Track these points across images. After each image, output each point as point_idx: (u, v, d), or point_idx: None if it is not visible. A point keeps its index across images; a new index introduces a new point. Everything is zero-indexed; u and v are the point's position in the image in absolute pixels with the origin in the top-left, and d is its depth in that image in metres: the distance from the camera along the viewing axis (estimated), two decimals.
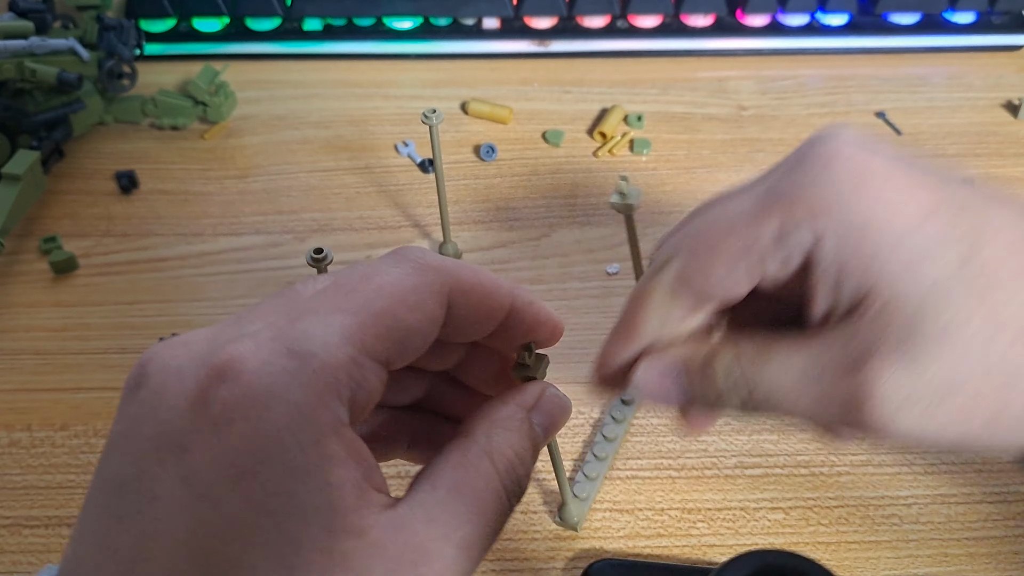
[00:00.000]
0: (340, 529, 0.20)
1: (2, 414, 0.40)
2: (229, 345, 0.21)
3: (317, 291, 0.22)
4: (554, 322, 0.26)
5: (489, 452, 0.23)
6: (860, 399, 0.23)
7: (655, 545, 0.36)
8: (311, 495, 0.20)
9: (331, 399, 0.20)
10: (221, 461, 0.20)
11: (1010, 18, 0.57)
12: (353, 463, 0.21)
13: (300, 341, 0.21)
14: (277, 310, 0.22)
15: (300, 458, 0.20)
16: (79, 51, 0.48)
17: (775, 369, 0.25)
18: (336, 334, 0.21)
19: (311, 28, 0.57)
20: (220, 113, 0.52)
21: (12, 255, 0.46)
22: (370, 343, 0.21)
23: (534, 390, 0.25)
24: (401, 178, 0.50)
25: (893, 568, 0.35)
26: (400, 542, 0.21)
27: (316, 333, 0.21)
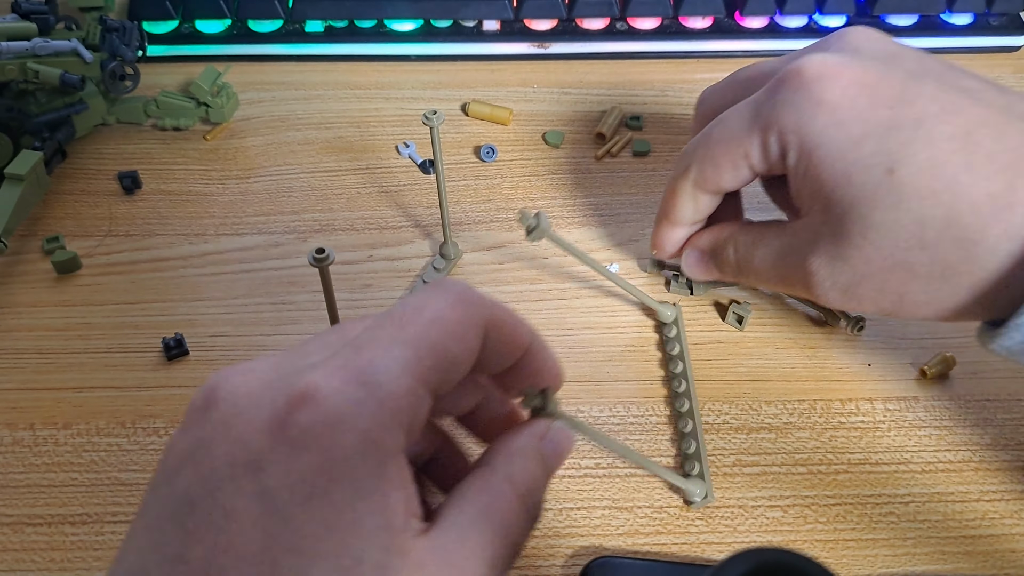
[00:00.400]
0: (393, 548, 0.22)
1: (5, 413, 0.40)
2: (305, 374, 0.22)
3: (374, 323, 0.24)
4: (560, 367, 0.28)
5: (510, 478, 0.25)
6: (805, 280, 0.33)
7: (654, 543, 0.36)
8: (372, 516, 0.22)
9: (394, 427, 0.22)
10: (296, 480, 0.21)
11: (1007, 19, 0.57)
12: (404, 488, 0.23)
13: (367, 372, 0.22)
14: (338, 342, 0.24)
15: (367, 481, 0.22)
16: (82, 52, 0.49)
17: (760, 254, 0.36)
18: (398, 365, 0.22)
19: (313, 30, 0.57)
20: (222, 114, 0.53)
21: (15, 255, 0.46)
22: (425, 373, 0.23)
23: (543, 424, 0.27)
24: (402, 179, 0.50)
25: (890, 566, 0.35)
26: (438, 560, 0.23)
27: (381, 364, 0.22)
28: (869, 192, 0.30)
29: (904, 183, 0.29)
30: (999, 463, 0.38)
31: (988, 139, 0.29)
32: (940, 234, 0.29)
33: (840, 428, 0.39)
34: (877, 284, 0.31)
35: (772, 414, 0.40)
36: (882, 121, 0.30)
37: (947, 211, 0.29)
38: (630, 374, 0.41)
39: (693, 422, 0.38)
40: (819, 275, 0.33)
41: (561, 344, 0.42)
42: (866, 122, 0.30)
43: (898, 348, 0.42)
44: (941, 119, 0.30)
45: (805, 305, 0.43)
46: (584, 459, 0.38)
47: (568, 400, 0.40)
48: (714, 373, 0.41)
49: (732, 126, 0.34)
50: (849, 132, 0.31)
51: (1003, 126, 0.29)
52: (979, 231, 0.29)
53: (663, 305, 0.43)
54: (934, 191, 0.29)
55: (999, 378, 0.41)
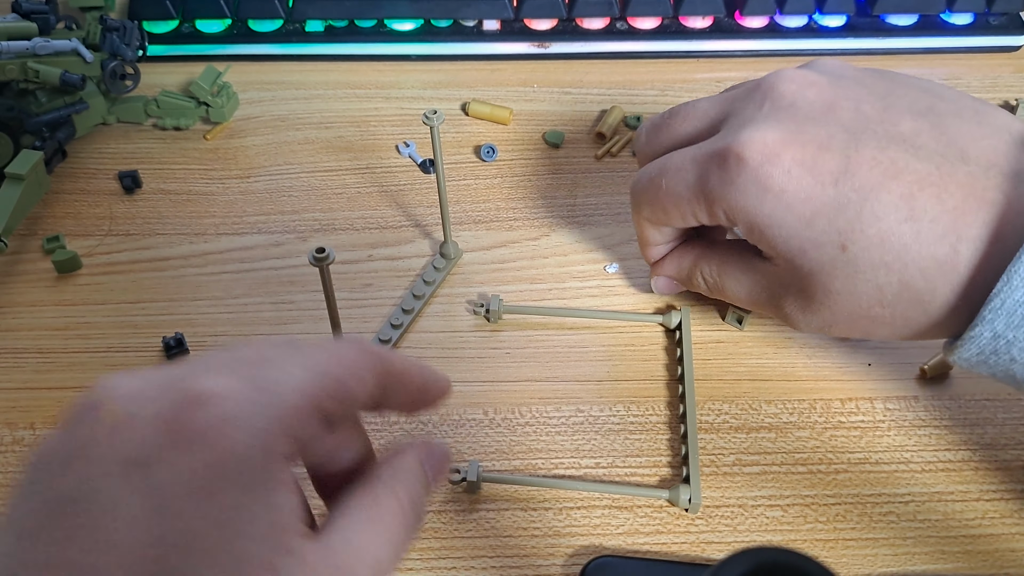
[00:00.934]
0: (281, 548, 0.22)
1: (5, 412, 0.40)
2: (200, 378, 0.23)
3: (273, 346, 0.25)
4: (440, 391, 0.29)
5: (395, 491, 0.26)
6: (780, 317, 0.37)
7: (653, 542, 0.36)
8: (263, 515, 0.22)
9: (287, 434, 0.23)
10: (188, 477, 0.21)
11: (1007, 19, 0.57)
12: (293, 492, 0.23)
13: (266, 380, 0.23)
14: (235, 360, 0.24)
15: (258, 481, 0.22)
16: (82, 52, 0.49)
17: (730, 285, 0.38)
18: (295, 380, 0.23)
19: (313, 29, 0.57)
20: (222, 114, 0.53)
21: (15, 254, 0.46)
22: (320, 399, 0.24)
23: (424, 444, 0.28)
24: (402, 178, 0.50)
25: (890, 565, 0.35)
26: (326, 562, 0.23)
27: (279, 376, 0.23)
28: (827, 265, 0.33)
29: (858, 257, 0.32)
30: (999, 462, 0.38)
31: (931, 201, 0.31)
32: (897, 296, 0.32)
33: (840, 427, 0.39)
34: (846, 328, 0.35)
35: (772, 413, 0.40)
36: (828, 200, 0.32)
37: (900, 277, 0.32)
38: (630, 374, 0.41)
39: (686, 426, 0.38)
40: (793, 317, 0.36)
41: (561, 344, 0.43)
42: (813, 202, 0.32)
43: (898, 348, 0.42)
44: (884, 187, 0.32)
45: None
46: (584, 459, 0.38)
47: (568, 400, 0.40)
48: (714, 373, 0.41)
49: (679, 188, 0.36)
50: (799, 214, 0.33)
51: (944, 182, 0.31)
52: (930, 292, 0.32)
53: (670, 313, 0.43)
54: (886, 263, 0.32)
55: None
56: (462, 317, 0.44)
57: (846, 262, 0.32)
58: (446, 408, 0.40)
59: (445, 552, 0.36)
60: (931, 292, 0.31)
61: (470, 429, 0.39)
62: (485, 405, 0.40)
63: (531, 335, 0.43)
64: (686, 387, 0.40)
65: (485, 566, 0.35)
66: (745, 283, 0.37)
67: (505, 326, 0.43)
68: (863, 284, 0.32)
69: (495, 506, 0.37)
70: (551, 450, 0.39)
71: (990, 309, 0.30)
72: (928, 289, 0.31)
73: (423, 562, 0.35)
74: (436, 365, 0.41)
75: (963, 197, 0.31)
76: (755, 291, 0.37)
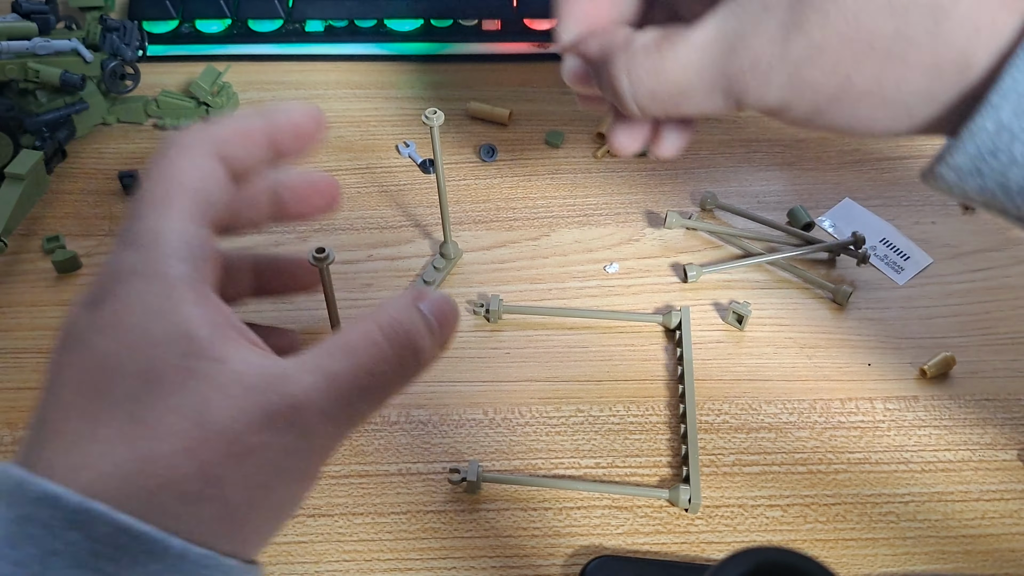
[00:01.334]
0: (195, 354, 0.25)
1: (5, 412, 0.40)
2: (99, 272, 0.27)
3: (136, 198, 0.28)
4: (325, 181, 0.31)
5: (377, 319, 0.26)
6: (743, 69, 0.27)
7: (653, 542, 0.36)
8: (163, 330, 0.25)
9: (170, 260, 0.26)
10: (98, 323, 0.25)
11: None
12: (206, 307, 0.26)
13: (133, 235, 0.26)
14: None
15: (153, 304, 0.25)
16: (82, 52, 0.49)
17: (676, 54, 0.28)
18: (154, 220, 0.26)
19: (313, 29, 0.57)
20: (222, 114, 0.53)
21: (15, 254, 0.46)
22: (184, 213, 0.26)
23: (423, 289, 0.28)
24: (402, 178, 0.50)
25: (890, 565, 0.35)
26: (260, 368, 0.25)
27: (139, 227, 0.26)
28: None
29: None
30: (999, 462, 0.38)
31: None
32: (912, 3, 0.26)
33: (840, 428, 0.39)
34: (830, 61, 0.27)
35: (772, 413, 0.40)
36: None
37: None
38: (630, 374, 0.41)
39: (686, 425, 0.38)
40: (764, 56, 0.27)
41: (561, 344, 0.43)
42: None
43: (898, 348, 0.42)
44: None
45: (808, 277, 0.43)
46: (584, 459, 0.38)
47: (568, 400, 0.40)
48: (714, 373, 0.41)
49: None
50: None
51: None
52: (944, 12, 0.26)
53: (670, 313, 0.43)
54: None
55: (999, 377, 0.41)
56: (462, 317, 0.44)
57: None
58: (446, 408, 0.40)
59: (445, 552, 0.36)
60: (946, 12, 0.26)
61: (470, 429, 0.39)
62: (485, 405, 0.40)
63: (531, 335, 0.43)
64: (686, 387, 0.40)
65: (485, 566, 0.35)
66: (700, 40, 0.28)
67: (505, 326, 0.43)
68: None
69: (495, 506, 0.37)
70: (551, 450, 0.39)
71: (997, 92, 0.25)
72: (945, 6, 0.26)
73: (423, 562, 0.35)
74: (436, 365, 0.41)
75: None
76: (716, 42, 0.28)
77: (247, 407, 0.25)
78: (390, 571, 0.35)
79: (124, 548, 0.23)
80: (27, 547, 0.23)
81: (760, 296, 0.44)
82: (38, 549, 0.23)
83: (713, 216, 0.48)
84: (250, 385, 0.25)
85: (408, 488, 0.37)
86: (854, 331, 0.43)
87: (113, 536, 0.23)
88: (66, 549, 0.23)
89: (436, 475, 0.38)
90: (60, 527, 0.23)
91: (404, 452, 0.39)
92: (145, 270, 0.26)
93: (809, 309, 0.44)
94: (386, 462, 0.38)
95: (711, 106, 0.29)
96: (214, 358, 0.25)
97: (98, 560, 0.23)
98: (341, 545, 0.36)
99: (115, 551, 0.23)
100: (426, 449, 0.39)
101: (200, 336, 0.25)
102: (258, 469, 0.25)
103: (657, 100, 0.29)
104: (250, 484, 0.25)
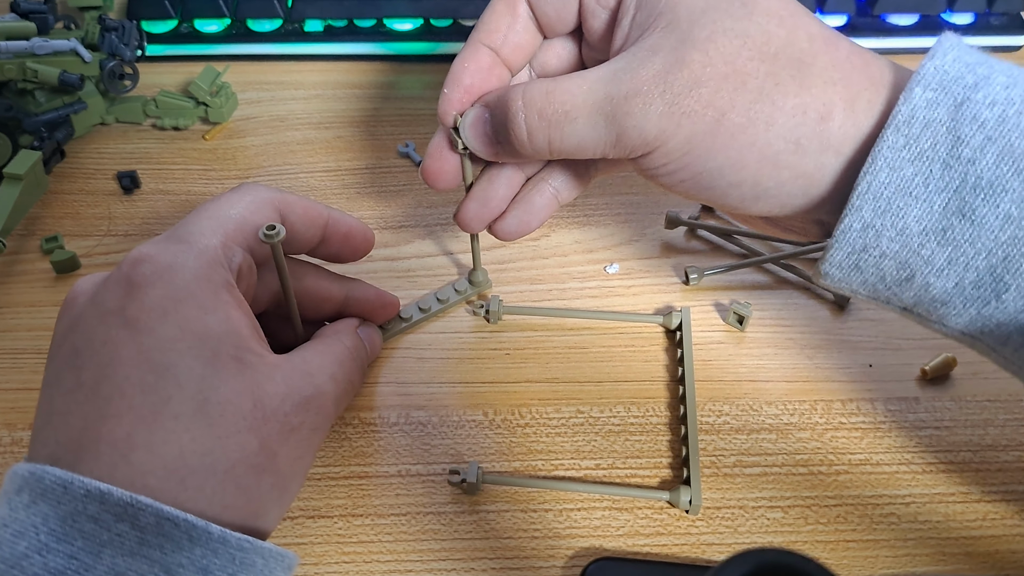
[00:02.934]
0: (244, 348, 0.29)
1: (4, 413, 0.40)
2: (134, 251, 0.30)
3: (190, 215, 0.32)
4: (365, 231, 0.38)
5: (336, 336, 0.36)
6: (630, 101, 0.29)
7: (654, 543, 0.36)
8: (218, 324, 0.29)
9: (217, 266, 0.30)
10: (150, 307, 0.28)
11: (1008, 19, 0.57)
12: (244, 312, 0.30)
13: (183, 236, 0.30)
14: (159, 236, 0.31)
15: (207, 301, 0.29)
16: (81, 52, 0.49)
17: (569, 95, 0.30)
18: (206, 230, 0.31)
19: (312, 29, 0.57)
20: (221, 114, 0.53)
21: (14, 255, 0.46)
22: (232, 234, 0.31)
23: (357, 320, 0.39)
24: (402, 179, 0.50)
25: (891, 567, 0.35)
26: (293, 364, 0.31)
27: (192, 230, 0.31)
28: (723, 2, 0.29)
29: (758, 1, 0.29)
30: (1000, 464, 0.38)
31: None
32: (780, 50, 0.29)
33: (841, 428, 0.39)
34: (707, 93, 0.29)
35: (773, 414, 0.40)
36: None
37: (788, 33, 0.29)
38: (630, 375, 0.41)
39: (686, 427, 0.38)
40: (647, 85, 0.29)
41: (561, 345, 0.42)
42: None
43: (899, 348, 0.42)
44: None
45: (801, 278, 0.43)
46: (584, 460, 0.38)
47: (568, 401, 0.40)
48: (714, 373, 0.41)
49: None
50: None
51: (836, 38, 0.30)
52: (812, 56, 0.29)
53: (670, 314, 0.42)
54: (780, 16, 0.29)
55: (1000, 378, 0.41)
56: (462, 317, 0.44)
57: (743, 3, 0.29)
58: (446, 409, 0.40)
59: (445, 553, 0.36)
60: (812, 56, 0.29)
61: (470, 430, 0.39)
62: (485, 406, 0.40)
63: (531, 336, 0.43)
64: (687, 388, 0.40)
65: (485, 567, 0.35)
66: (591, 79, 0.30)
67: (505, 327, 0.43)
68: (754, 26, 0.29)
69: (495, 507, 0.37)
70: (551, 451, 0.39)
71: (857, 194, 0.28)
72: (811, 52, 0.29)
73: (423, 563, 0.35)
74: (436, 365, 0.42)
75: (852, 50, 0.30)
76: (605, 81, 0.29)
77: (290, 393, 0.30)
78: (389, 572, 0.35)
79: (168, 536, 0.25)
80: (77, 540, 0.25)
81: (761, 297, 0.44)
82: (89, 542, 0.25)
83: (714, 216, 0.48)
84: (288, 376, 0.30)
85: (408, 489, 0.37)
86: (855, 332, 0.43)
87: (158, 526, 0.25)
88: (116, 540, 0.25)
89: (436, 476, 0.38)
90: (109, 520, 0.25)
91: (403, 453, 0.38)
92: (196, 267, 0.29)
93: (810, 310, 0.43)
94: (385, 463, 0.38)
95: (594, 135, 0.30)
96: (257, 353, 0.30)
97: (146, 548, 0.25)
98: (340, 547, 0.36)
99: (161, 539, 0.25)
100: (426, 450, 0.39)
101: (245, 335, 0.29)
102: (298, 444, 0.30)
103: (544, 119, 0.30)
104: (293, 456, 0.30)
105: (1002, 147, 0.26)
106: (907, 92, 0.27)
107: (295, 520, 0.36)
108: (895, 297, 0.30)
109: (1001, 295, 0.27)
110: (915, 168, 0.27)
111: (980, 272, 0.27)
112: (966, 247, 0.27)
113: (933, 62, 0.27)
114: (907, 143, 0.27)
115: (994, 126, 0.26)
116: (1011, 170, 0.26)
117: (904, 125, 0.27)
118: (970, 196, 0.26)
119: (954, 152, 0.27)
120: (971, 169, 0.26)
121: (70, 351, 0.28)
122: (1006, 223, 0.26)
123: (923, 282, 0.28)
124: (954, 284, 0.28)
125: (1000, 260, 0.27)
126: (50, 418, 0.28)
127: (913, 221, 0.27)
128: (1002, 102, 0.27)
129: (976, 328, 0.29)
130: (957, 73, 0.27)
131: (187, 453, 0.27)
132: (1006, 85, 0.27)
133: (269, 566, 0.28)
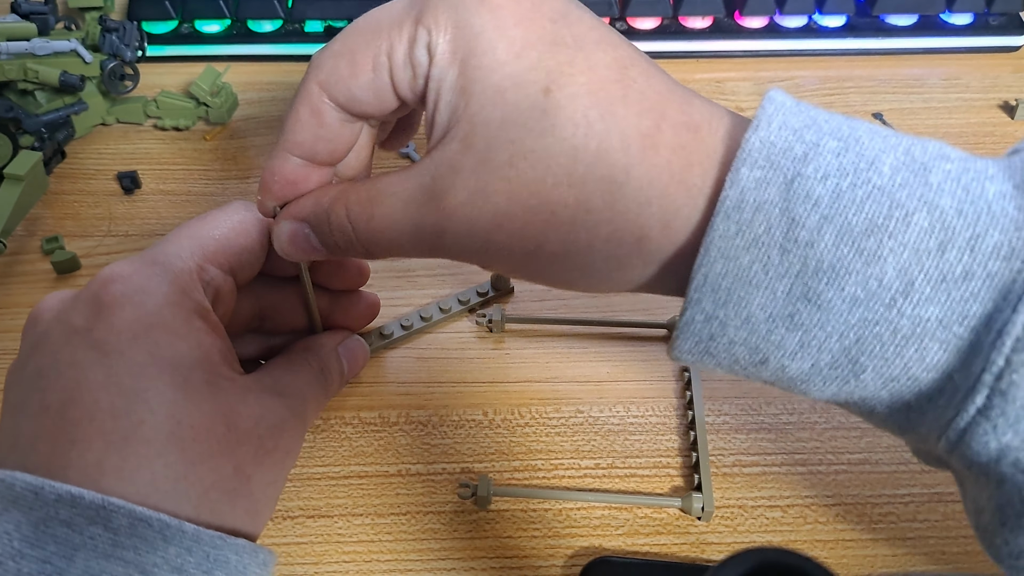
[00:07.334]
0: (215, 373, 0.29)
1: None
2: (107, 269, 0.29)
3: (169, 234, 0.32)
4: (357, 268, 0.38)
5: (306, 357, 0.35)
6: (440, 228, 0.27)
7: (653, 543, 0.36)
8: (190, 350, 0.28)
9: (191, 290, 0.30)
10: (119, 329, 0.27)
11: (1007, 19, 0.57)
12: (217, 337, 0.30)
13: (158, 256, 0.30)
14: (136, 254, 0.31)
15: (178, 327, 0.29)
16: (81, 52, 0.49)
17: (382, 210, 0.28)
18: (185, 250, 0.31)
19: (312, 30, 0.57)
20: (222, 114, 0.53)
21: (14, 255, 0.46)
22: (211, 256, 0.31)
23: (341, 334, 0.38)
24: None
25: (890, 566, 0.35)
26: (264, 385, 0.31)
27: (169, 251, 0.30)
28: (523, 113, 0.26)
29: (561, 106, 0.26)
30: None
31: (640, 77, 0.27)
32: (589, 170, 0.26)
33: (840, 428, 0.39)
34: (518, 227, 0.27)
35: (772, 414, 0.40)
36: (545, 33, 0.27)
37: (599, 144, 0.26)
38: (630, 374, 0.41)
39: (695, 432, 0.38)
40: (457, 217, 0.27)
41: (561, 345, 0.42)
42: (528, 29, 0.27)
43: None
44: (600, 46, 0.27)
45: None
46: (584, 459, 0.38)
47: (568, 400, 0.40)
48: (715, 374, 0.41)
49: (381, 15, 0.29)
50: (510, 38, 0.27)
51: (651, 69, 0.28)
52: (624, 171, 0.26)
53: (673, 317, 0.42)
54: (589, 120, 0.26)
55: None
56: (463, 320, 0.44)
57: (545, 111, 0.26)
58: (446, 409, 0.40)
59: (445, 553, 0.36)
60: (625, 171, 0.26)
61: (470, 430, 0.39)
62: (485, 406, 0.40)
63: (531, 336, 0.43)
64: (694, 392, 0.40)
65: (485, 567, 0.35)
66: (403, 195, 0.28)
67: (505, 328, 0.43)
68: (558, 144, 0.26)
69: (495, 507, 0.37)
70: (551, 451, 0.39)
71: (694, 287, 0.26)
72: (623, 165, 0.26)
73: (423, 563, 0.35)
74: (436, 366, 0.42)
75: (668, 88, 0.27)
76: (416, 199, 0.28)
77: (264, 415, 0.30)
78: (389, 572, 0.35)
79: (142, 536, 0.25)
80: (50, 545, 0.25)
81: None
82: (62, 545, 0.25)
83: None
84: (260, 398, 0.30)
85: (408, 489, 0.37)
86: None
87: (132, 527, 0.25)
88: (89, 543, 0.25)
89: (436, 476, 0.38)
90: (82, 523, 0.25)
91: (403, 453, 0.39)
92: (168, 292, 0.29)
93: None
94: (385, 463, 0.38)
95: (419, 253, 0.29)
96: (228, 376, 0.29)
97: (120, 549, 0.25)
98: (340, 546, 0.36)
99: (135, 540, 0.25)
100: (425, 450, 0.39)
101: (216, 361, 0.29)
102: (272, 467, 0.30)
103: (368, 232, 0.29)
104: (266, 481, 0.30)
105: (839, 226, 0.24)
106: (733, 173, 0.25)
107: (295, 520, 0.36)
108: (755, 375, 0.28)
109: (860, 375, 0.25)
110: (751, 255, 0.25)
111: (835, 354, 0.25)
112: (816, 331, 0.25)
113: (758, 134, 0.25)
114: (739, 230, 0.25)
115: (829, 203, 0.24)
116: (851, 251, 0.24)
117: (734, 211, 0.25)
118: (812, 281, 0.24)
119: (790, 235, 0.24)
120: (810, 253, 0.24)
121: (34, 372, 0.28)
122: (853, 306, 0.24)
123: (778, 364, 0.26)
124: (810, 365, 0.26)
125: (853, 343, 0.25)
126: (16, 442, 0.27)
127: (757, 309, 0.25)
128: (835, 173, 0.24)
129: (842, 400, 0.27)
130: (785, 144, 0.25)
131: (159, 479, 0.26)
132: (837, 152, 0.25)
133: (243, 562, 0.27)
